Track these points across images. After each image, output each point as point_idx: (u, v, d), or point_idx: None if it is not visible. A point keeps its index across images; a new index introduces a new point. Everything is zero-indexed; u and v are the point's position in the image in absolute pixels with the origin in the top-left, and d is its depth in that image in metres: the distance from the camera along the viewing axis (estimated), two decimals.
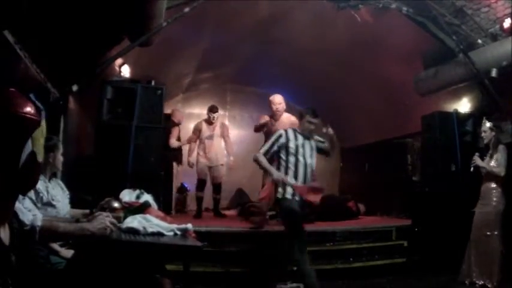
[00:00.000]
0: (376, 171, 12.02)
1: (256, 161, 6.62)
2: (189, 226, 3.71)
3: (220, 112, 11.02)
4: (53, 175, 4.58)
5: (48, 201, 4.12)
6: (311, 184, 6.59)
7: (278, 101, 9.35)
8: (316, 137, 6.82)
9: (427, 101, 9.68)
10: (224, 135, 10.54)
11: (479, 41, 8.41)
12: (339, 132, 13.96)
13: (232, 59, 11.89)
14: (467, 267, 7.05)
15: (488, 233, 6.90)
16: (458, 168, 8.33)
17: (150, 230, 3.48)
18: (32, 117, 1.91)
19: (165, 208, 8.19)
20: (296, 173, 6.47)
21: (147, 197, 4.50)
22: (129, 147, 7.44)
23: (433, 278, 7.47)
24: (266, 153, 6.59)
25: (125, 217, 3.65)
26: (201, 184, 10.47)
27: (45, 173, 4.22)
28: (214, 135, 10.38)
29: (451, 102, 9.50)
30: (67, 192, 4.59)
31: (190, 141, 10.56)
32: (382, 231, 8.94)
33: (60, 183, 4.62)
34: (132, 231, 3.43)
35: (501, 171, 6.88)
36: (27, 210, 2.73)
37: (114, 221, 3.16)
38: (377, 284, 7.48)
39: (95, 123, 7.75)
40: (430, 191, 8.68)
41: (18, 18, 4.57)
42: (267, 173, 7.93)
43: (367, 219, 10.61)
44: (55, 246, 3.85)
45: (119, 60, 8.13)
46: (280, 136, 6.61)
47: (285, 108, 9.34)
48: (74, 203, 4.63)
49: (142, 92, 7.66)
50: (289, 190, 6.34)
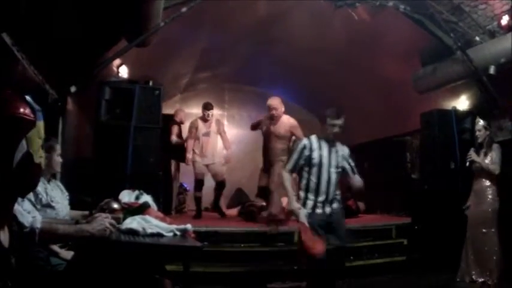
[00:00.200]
0: (375, 169, 11.99)
1: (280, 178, 6.27)
2: (189, 226, 3.71)
3: (219, 112, 10.99)
4: (52, 176, 4.58)
5: (48, 203, 4.12)
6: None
7: (275, 104, 8.87)
8: (350, 161, 6.10)
9: (425, 99, 9.68)
10: (220, 131, 10.47)
11: (477, 38, 8.41)
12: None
13: (230, 58, 11.89)
14: (465, 265, 7.11)
15: (484, 230, 6.98)
16: (457, 165, 8.34)
17: (149, 230, 3.48)
18: (25, 117, 1.91)
19: (165, 209, 8.18)
20: (318, 188, 5.87)
21: (146, 198, 4.51)
22: (127, 148, 7.45)
23: (433, 276, 7.47)
24: (293, 169, 6.04)
25: (125, 218, 3.65)
26: (199, 184, 10.37)
27: (43, 174, 4.21)
28: (210, 132, 10.31)
29: (450, 100, 9.51)
30: (66, 193, 4.59)
31: (188, 139, 10.45)
32: (382, 229, 8.95)
33: (60, 184, 4.62)
34: (132, 232, 3.43)
35: (496, 169, 6.99)
36: (26, 212, 2.72)
37: (113, 222, 3.15)
38: (377, 282, 7.49)
39: (94, 124, 7.76)
40: (429, 189, 8.69)
41: (15, 20, 4.57)
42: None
43: (366, 217, 10.63)
44: (55, 247, 3.84)
45: (117, 61, 8.13)
46: (304, 148, 5.97)
47: (283, 110, 8.95)
48: (73, 204, 4.63)
49: (140, 92, 7.68)
50: (310, 203, 5.81)
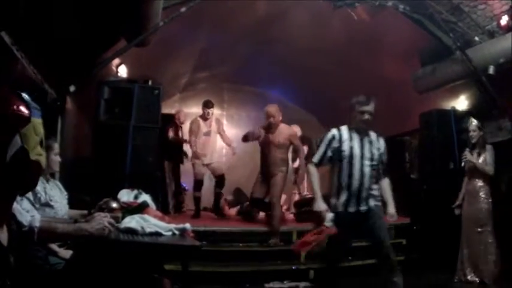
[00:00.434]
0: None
1: (307, 174, 5.82)
2: (187, 226, 3.71)
3: (218, 112, 10.92)
4: (51, 176, 4.57)
5: (46, 202, 4.12)
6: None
7: (273, 112, 8.39)
8: (384, 157, 5.90)
9: (424, 99, 9.68)
10: (220, 130, 10.44)
11: (476, 38, 8.42)
12: None
13: (229, 58, 11.88)
14: (462, 265, 7.15)
15: (479, 229, 7.06)
16: (456, 165, 8.33)
17: (148, 230, 3.48)
18: (18, 113, 1.91)
19: (161, 209, 8.17)
20: (350, 184, 5.42)
21: (145, 197, 4.50)
22: (126, 147, 7.46)
23: (432, 276, 7.48)
24: (320, 162, 5.56)
25: (123, 217, 3.64)
26: (199, 184, 10.33)
27: (42, 173, 4.21)
28: (211, 131, 10.27)
29: (449, 100, 9.51)
30: (65, 192, 4.58)
31: (190, 137, 10.28)
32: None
33: (58, 184, 4.61)
34: (131, 231, 3.43)
35: (491, 170, 7.10)
36: (25, 211, 2.72)
37: (112, 221, 3.15)
38: (375, 282, 7.48)
39: (92, 123, 7.77)
40: (428, 189, 8.70)
41: (15, 20, 4.56)
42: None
43: None
44: (53, 246, 3.84)
45: (116, 61, 8.13)
46: (332, 139, 5.53)
47: (281, 118, 8.49)
48: (72, 203, 4.62)
49: (140, 91, 7.69)
50: (343, 199, 5.41)
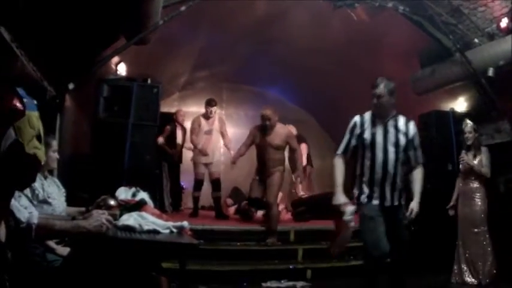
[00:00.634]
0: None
1: (333, 166, 5.35)
2: (185, 224, 3.71)
3: (217, 111, 10.82)
4: (49, 173, 4.57)
5: (44, 199, 4.11)
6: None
7: (269, 114, 8.36)
8: (416, 143, 5.20)
9: (424, 100, 9.68)
10: (222, 130, 10.30)
11: (476, 41, 8.42)
12: (337, 131, 14.10)
13: (228, 57, 11.88)
14: (459, 267, 7.18)
15: (476, 230, 7.09)
16: (454, 167, 8.32)
17: (146, 227, 3.48)
18: (11, 106, 1.91)
19: (160, 206, 8.18)
20: (372, 174, 5.03)
21: (143, 195, 4.52)
22: (125, 145, 7.46)
23: (429, 277, 7.47)
24: (345, 152, 5.22)
25: (121, 215, 3.65)
26: (199, 184, 10.30)
27: (40, 170, 4.21)
28: (213, 130, 10.16)
29: (448, 101, 9.51)
30: (63, 189, 4.58)
31: (191, 136, 10.29)
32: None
33: (56, 180, 4.61)
34: (128, 228, 3.43)
35: (488, 173, 7.14)
36: (23, 207, 2.73)
37: (110, 218, 3.16)
38: (376, 281, 7.48)
39: (91, 121, 7.77)
40: (426, 190, 8.69)
41: (14, 16, 4.56)
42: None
43: None
44: (51, 243, 3.84)
45: (116, 59, 8.12)
46: (354, 126, 5.14)
47: (277, 119, 8.47)
48: (70, 200, 4.62)
49: (139, 90, 7.70)
50: (366, 190, 5.09)
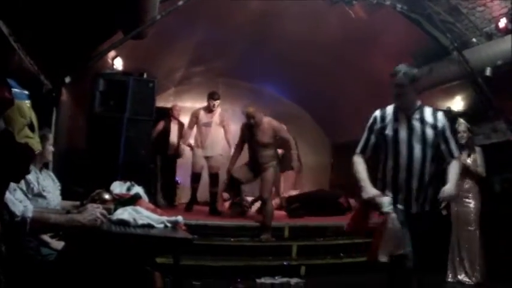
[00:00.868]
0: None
1: (352, 165, 4.90)
2: (180, 218, 3.71)
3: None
4: (44, 166, 4.57)
5: (39, 192, 4.11)
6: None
7: (252, 113, 8.33)
8: (448, 135, 4.68)
9: (420, 99, 9.66)
10: (224, 124, 10.01)
11: (474, 40, 8.42)
12: (332, 128, 14.13)
13: (225, 53, 11.86)
14: (453, 265, 7.22)
15: (470, 228, 7.13)
16: None
17: (140, 222, 3.48)
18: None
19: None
20: (395, 176, 4.54)
21: (137, 189, 4.52)
22: (120, 140, 7.45)
23: (424, 276, 7.48)
24: (364, 151, 4.83)
25: (116, 209, 3.65)
26: (196, 178, 10.07)
27: (35, 163, 4.21)
28: (212, 122, 9.89)
29: (445, 100, 9.50)
30: (58, 183, 4.58)
31: (187, 128, 10.24)
32: (373, 226, 8.92)
33: (51, 174, 4.61)
34: (123, 223, 3.43)
35: (483, 172, 7.24)
36: (18, 201, 2.73)
37: (104, 212, 3.16)
38: (368, 280, 7.49)
39: (87, 115, 7.76)
40: None
41: (12, 10, 4.55)
42: None
43: None
44: (45, 237, 3.84)
45: (112, 53, 8.11)
46: (374, 121, 4.74)
47: (262, 115, 8.44)
48: (64, 194, 4.63)
49: (135, 84, 7.68)
50: (389, 195, 4.75)
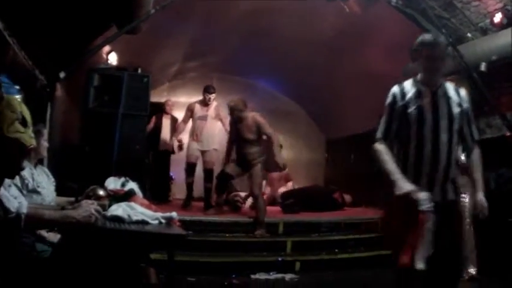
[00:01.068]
0: (362, 162, 12.01)
1: (374, 155, 4.08)
2: (174, 214, 3.71)
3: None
4: (39, 162, 4.56)
5: (34, 188, 4.11)
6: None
7: (232, 106, 8.40)
8: (470, 115, 4.11)
9: None
10: (221, 117, 9.89)
11: (469, 35, 8.41)
12: (326, 123, 14.13)
13: (219, 48, 11.83)
14: None
15: (465, 224, 7.06)
16: None
17: (134, 218, 3.47)
18: None
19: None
20: (419, 161, 3.82)
21: (132, 185, 4.51)
22: (114, 135, 7.44)
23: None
24: (386, 136, 3.99)
25: (110, 205, 3.65)
26: (191, 168, 9.82)
27: (30, 159, 4.20)
28: (207, 116, 9.77)
29: None
30: (53, 179, 4.58)
31: (182, 122, 10.17)
32: (368, 222, 8.95)
33: (46, 170, 4.61)
34: (117, 219, 3.42)
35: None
36: (12, 197, 2.72)
37: (99, 208, 3.15)
38: (363, 275, 7.51)
39: (82, 110, 7.74)
40: None
41: (7, 5, 4.54)
42: None
43: (352, 210, 10.65)
44: (42, 232, 3.83)
45: (107, 48, 8.09)
46: (394, 100, 3.98)
47: (245, 110, 8.41)
48: (59, 190, 4.62)
49: (129, 79, 7.67)
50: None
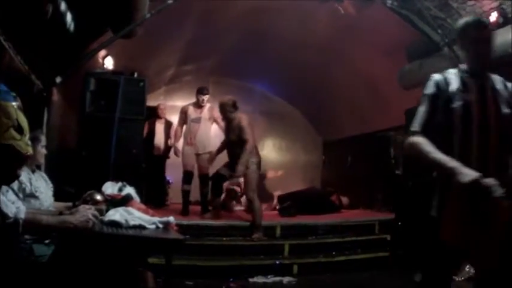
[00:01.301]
0: (359, 164, 12.04)
1: (410, 149, 3.38)
2: (171, 219, 3.72)
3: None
4: (37, 167, 4.56)
5: (32, 193, 4.11)
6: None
7: (228, 106, 8.34)
8: None
9: (410, 95, 9.69)
10: (215, 118, 9.62)
11: None
12: (323, 125, 14.15)
13: (215, 51, 11.84)
14: None
15: None
16: None
17: (132, 222, 3.48)
18: None
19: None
20: (465, 151, 3.22)
21: (129, 190, 4.52)
22: (111, 139, 7.44)
23: (416, 272, 7.50)
24: (424, 129, 3.30)
25: (107, 210, 3.65)
26: (188, 176, 9.63)
27: (28, 164, 4.19)
28: (201, 118, 9.57)
29: None
30: (50, 184, 4.58)
31: (177, 126, 9.97)
32: (365, 225, 8.97)
33: (44, 175, 4.61)
34: (115, 224, 3.43)
35: None
36: (10, 202, 2.72)
37: (96, 213, 3.15)
38: (360, 278, 7.51)
39: (78, 115, 7.74)
40: (413, 185, 8.71)
41: (2, 9, 4.53)
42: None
43: (349, 212, 10.64)
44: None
45: (103, 52, 8.09)
46: (437, 87, 3.34)
47: (233, 110, 8.35)
48: (56, 195, 4.62)
49: (125, 83, 7.69)
50: None
